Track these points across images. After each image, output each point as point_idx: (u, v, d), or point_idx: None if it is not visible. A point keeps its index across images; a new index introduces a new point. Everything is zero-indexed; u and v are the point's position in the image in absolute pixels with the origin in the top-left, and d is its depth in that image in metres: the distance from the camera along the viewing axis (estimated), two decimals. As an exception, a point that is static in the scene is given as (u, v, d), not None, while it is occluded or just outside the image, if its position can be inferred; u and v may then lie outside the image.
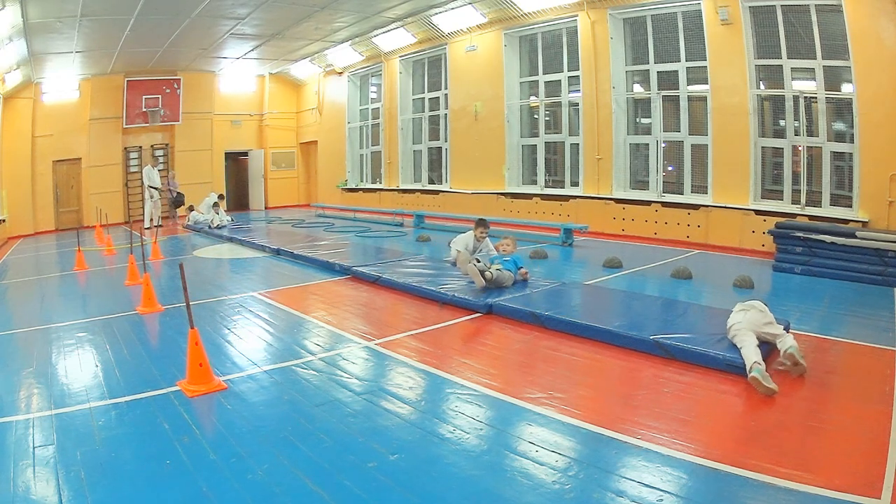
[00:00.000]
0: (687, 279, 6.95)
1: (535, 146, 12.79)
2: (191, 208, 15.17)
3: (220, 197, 15.12)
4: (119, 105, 16.64)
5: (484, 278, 5.73)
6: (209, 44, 14.69)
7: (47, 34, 11.67)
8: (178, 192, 16.26)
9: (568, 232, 9.92)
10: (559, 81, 12.06)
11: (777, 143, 8.88)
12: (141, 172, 15.95)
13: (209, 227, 13.66)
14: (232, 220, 14.34)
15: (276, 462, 2.85)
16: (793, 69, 8.53)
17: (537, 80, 12.56)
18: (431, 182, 15.52)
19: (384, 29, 14.45)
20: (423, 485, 2.64)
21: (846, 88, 8.03)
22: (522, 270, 6.21)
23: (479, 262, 5.95)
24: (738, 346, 3.82)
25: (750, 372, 3.53)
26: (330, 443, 3.06)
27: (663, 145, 10.48)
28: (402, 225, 13.60)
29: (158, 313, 5.98)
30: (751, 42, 8.80)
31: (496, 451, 2.95)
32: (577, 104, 11.58)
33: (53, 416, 3.44)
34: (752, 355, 3.62)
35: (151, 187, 15.09)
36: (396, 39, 14.97)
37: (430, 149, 15.61)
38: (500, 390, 3.71)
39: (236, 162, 19.92)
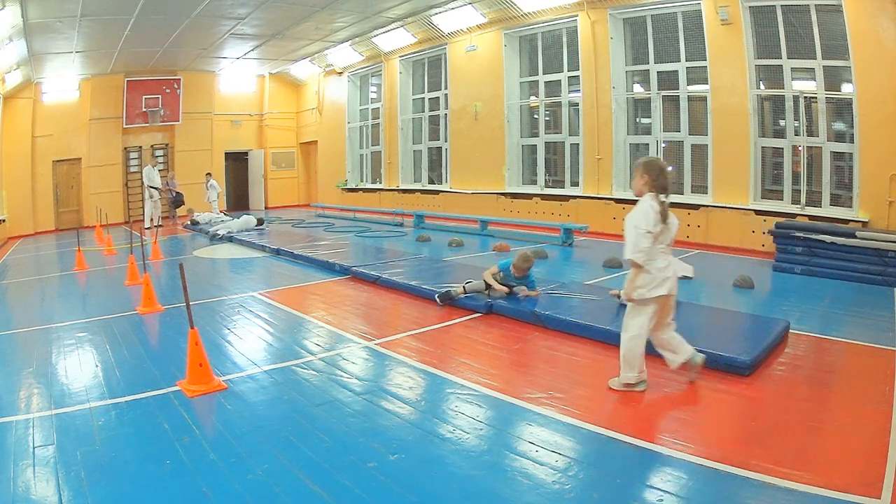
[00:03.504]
0: (687, 279, 6.94)
1: (535, 146, 12.79)
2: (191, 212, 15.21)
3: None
4: (119, 105, 16.65)
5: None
6: (209, 44, 14.69)
7: (47, 34, 11.67)
8: (178, 192, 16.27)
9: (568, 232, 9.92)
10: (559, 81, 12.06)
11: (777, 143, 8.88)
12: (141, 172, 15.96)
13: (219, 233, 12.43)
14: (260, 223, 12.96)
15: (276, 462, 2.85)
16: (793, 69, 8.53)
17: (537, 80, 12.56)
18: (431, 182, 15.53)
19: (384, 29, 14.46)
20: (423, 485, 2.64)
21: (846, 88, 8.03)
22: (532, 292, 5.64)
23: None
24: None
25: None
26: (330, 443, 3.06)
27: (663, 145, 10.48)
28: (402, 225, 13.59)
29: (158, 313, 5.98)
30: (751, 42, 8.80)
31: (496, 451, 2.95)
32: (577, 104, 11.58)
33: (53, 416, 3.44)
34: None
35: (151, 187, 15.09)
36: (396, 39, 14.97)
37: (430, 149, 15.62)
38: (500, 390, 3.71)
39: (236, 162, 19.92)
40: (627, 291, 3.57)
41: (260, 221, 13.24)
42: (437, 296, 5.84)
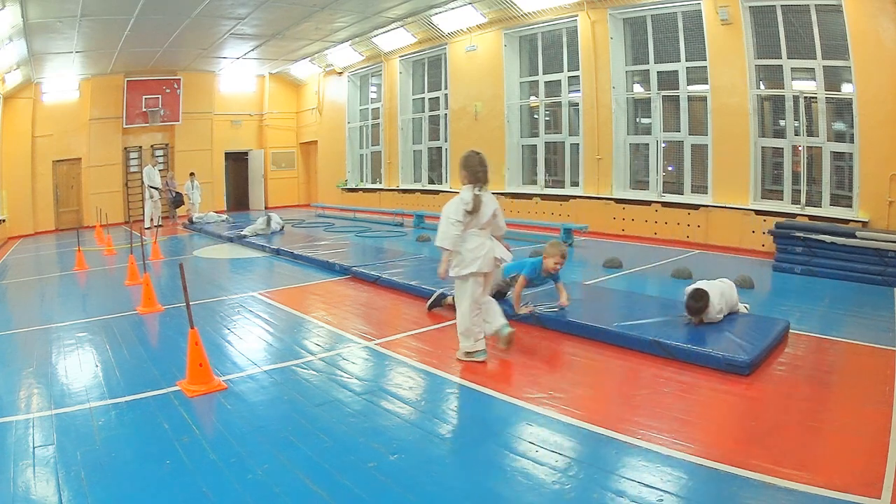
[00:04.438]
0: (687, 279, 6.93)
1: (535, 146, 12.79)
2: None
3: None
4: (119, 105, 16.64)
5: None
6: (209, 44, 14.68)
7: (47, 34, 11.67)
8: (177, 193, 16.28)
9: (568, 232, 9.91)
10: (559, 81, 12.05)
11: (777, 143, 8.88)
12: (141, 172, 15.96)
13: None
14: (280, 224, 12.48)
15: (276, 462, 2.85)
16: (793, 69, 8.53)
17: (537, 80, 12.56)
18: (431, 182, 15.52)
19: (384, 29, 14.45)
20: (423, 485, 2.64)
21: (846, 88, 8.03)
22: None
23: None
24: None
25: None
26: (330, 443, 3.06)
27: (663, 145, 10.48)
28: (402, 225, 13.59)
29: (158, 313, 5.98)
30: (751, 42, 8.80)
31: (496, 451, 2.95)
32: (577, 104, 11.57)
33: (53, 416, 3.44)
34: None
35: (151, 187, 15.10)
36: (396, 39, 14.97)
37: (430, 149, 15.61)
38: (500, 390, 3.71)
39: (236, 162, 19.91)
40: (440, 272, 4.15)
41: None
42: (427, 304, 5.80)
